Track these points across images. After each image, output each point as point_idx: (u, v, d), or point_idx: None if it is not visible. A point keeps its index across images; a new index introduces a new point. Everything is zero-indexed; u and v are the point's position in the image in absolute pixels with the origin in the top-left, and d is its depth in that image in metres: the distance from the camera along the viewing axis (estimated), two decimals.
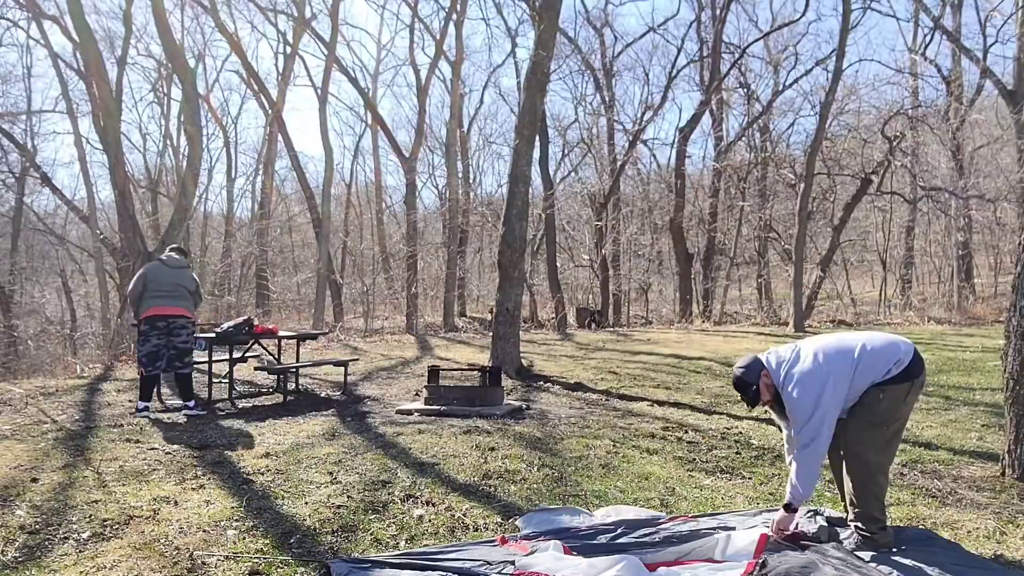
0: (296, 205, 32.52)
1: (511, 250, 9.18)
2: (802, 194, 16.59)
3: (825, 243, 21.14)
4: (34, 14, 16.69)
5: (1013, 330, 4.22)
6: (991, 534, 3.34)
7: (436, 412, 6.37)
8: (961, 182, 19.68)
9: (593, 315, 20.15)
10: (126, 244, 12.56)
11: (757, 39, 23.69)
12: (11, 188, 22.09)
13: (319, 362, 8.78)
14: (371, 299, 23.26)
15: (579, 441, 5.26)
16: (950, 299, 21.74)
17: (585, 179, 27.97)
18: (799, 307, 16.11)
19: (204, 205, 30.74)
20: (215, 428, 5.79)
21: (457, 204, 22.49)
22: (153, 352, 6.33)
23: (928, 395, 7.33)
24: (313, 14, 23.27)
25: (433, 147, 30.93)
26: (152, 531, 3.30)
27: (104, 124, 12.73)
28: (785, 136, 25.38)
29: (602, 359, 10.66)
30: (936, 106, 20.86)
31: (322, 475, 4.28)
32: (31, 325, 20.35)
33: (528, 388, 8.11)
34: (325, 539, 3.24)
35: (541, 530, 3.31)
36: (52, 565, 2.92)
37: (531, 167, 10.09)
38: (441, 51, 22.73)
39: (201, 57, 26.83)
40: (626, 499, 3.89)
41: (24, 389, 7.67)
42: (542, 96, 9.98)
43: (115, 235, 16.84)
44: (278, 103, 23.40)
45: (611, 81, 25.70)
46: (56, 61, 19.18)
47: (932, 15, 21.12)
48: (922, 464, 4.61)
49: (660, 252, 29.05)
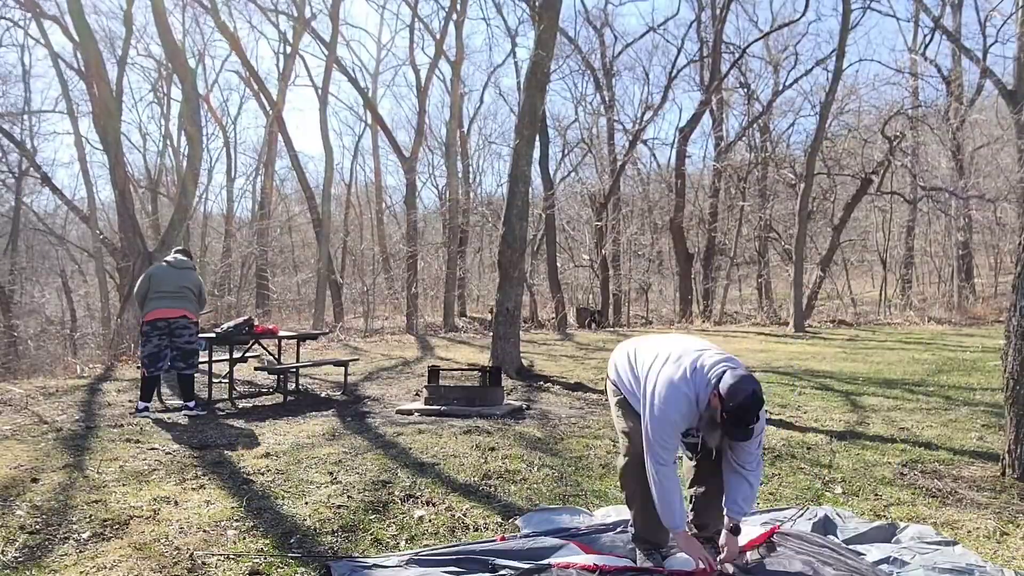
0: (296, 205, 32.52)
1: (511, 250, 9.18)
2: (802, 194, 16.60)
3: (825, 243, 21.15)
4: (34, 14, 16.69)
5: (1013, 330, 4.22)
6: (991, 534, 3.34)
7: (436, 412, 6.37)
8: (961, 182, 19.69)
9: (593, 315, 20.16)
10: (126, 244, 12.56)
11: (757, 39, 23.71)
12: (11, 188, 22.10)
13: (319, 362, 8.78)
14: (371, 299, 23.25)
15: (579, 441, 5.26)
16: (950, 299, 21.75)
17: (585, 179, 28.00)
18: (799, 307, 16.12)
19: (204, 205, 30.77)
20: (215, 428, 5.79)
21: (457, 204, 22.50)
22: (154, 353, 6.33)
23: (928, 395, 7.34)
24: (313, 14, 23.30)
25: (433, 147, 30.97)
26: (152, 531, 3.30)
27: (104, 124, 12.73)
28: (785, 136, 25.42)
29: (602, 359, 10.66)
30: (936, 106, 20.88)
31: (322, 475, 4.28)
32: (31, 325, 20.36)
33: (528, 388, 8.11)
34: (325, 539, 3.24)
35: (541, 530, 3.31)
36: (52, 565, 2.92)
37: (531, 167, 10.09)
38: (441, 51, 22.74)
39: (201, 57, 26.86)
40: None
41: (24, 389, 7.67)
42: (542, 96, 9.98)
43: (115, 235, 16.85)
44: (278, 103, 23.41)
45: (611, 81, 25.74)
46: (56, 61, 19.21)
47: (932, 15, 21.13)
48: (922, 464, 4.61)
49: (660, 252, 29.05)
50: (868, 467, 4.54)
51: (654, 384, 2.75)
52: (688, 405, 2.68)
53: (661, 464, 2.72)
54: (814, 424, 5.94)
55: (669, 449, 2.74)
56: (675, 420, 2.70)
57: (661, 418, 2.70)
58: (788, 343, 12.94)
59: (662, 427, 2.70)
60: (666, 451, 2.72)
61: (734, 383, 2.57)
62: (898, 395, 7.33)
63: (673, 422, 2.70)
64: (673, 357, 2.79)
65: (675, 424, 2.71)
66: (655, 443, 2.71)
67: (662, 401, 2.69)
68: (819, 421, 6.08)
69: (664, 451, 2.72)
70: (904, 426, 5.81)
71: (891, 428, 5.75)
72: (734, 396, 2.55)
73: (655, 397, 2.72)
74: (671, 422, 2.70)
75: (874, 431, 5.66)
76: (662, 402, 2.69)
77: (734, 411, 2.55)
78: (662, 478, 2.72)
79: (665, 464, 2.72)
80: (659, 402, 2.70)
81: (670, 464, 2.75)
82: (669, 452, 2.74)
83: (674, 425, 2.71)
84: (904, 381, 8.27)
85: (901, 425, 5.85)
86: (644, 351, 2.98)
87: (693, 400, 2.67)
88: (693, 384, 2.68)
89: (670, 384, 2.70)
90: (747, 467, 2.81)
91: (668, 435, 2.72)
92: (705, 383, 2.65)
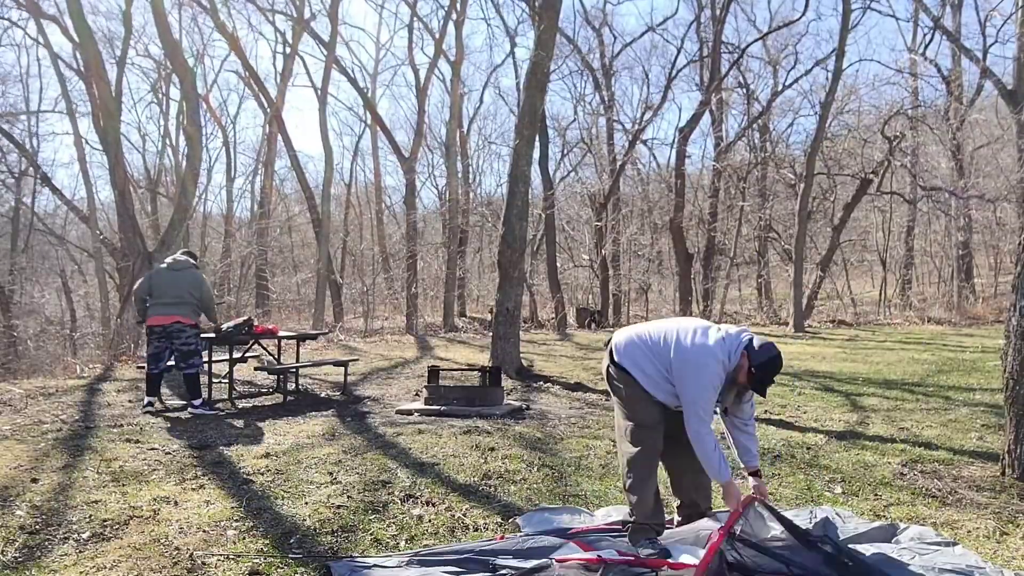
0: (296, 205, 32.49)
1: (511, 250, 9.18)
2: (802, 194, 16.60)
3: (825, 243, 21.14)
4: (34, 14, 16.67)
5: (1013, 330, 4.22)
6: (991, 534, 3.34)
7: (436, 412, 6.37)
8: (961, 182, 19.69)
9: (593, 315, 20.15)
10: (126, 244, 12.56)
11: (757, 39, 23.68)
12: (11, 188, 22.09)
13: (319, 362, 8.78)
14: (371, 299, 23.24)
15: (579, 441, 5.26)
16: (950, 299, 21.73)
17: (585, 179, 27.97)
18: (799, 307, 16.12)
19: (204, 205, 30.71)
20: (215, 428, 5.79)
21: (457, 204, 22.49)
22: (155, 354, 6.55)
23: (928, 395, 7.34)
24: (312, 14, 23.27)
25: (433, 147, 30.95)
26: (152, 531, 3.30)
27: (104, 124, 12.73)
28: (785, 136, 25.39)
29: (602, 359, 10.65)
30: (936, 106, 20.87)
31: (322, 475, 4.28)
32: (31, 325, 20.33)
33: (528, 388, 8.11)
34: (325, 539, 3.24)
35: (541, 530, 3.31)
36: (52, 565, 2.92)
37: (531, 167, 10.09)
38: (440, 51, 22.73)
39: (200, 57, 26.82)
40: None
41: (24, 389, 7.67)
42: (542, 96, 9.98)
43: (115, 235, 16.85)
44: (277, 103, 23.40)
45: (610, 81, 25.72)
46: (56, 61, 19.18)
47: (932, 15, 21.13)
48: (922, 464, 4.61)
49: (660, 252, 29.04)
50: (868, 467, 4.55)
51: (689, 353, 3.03)
52: (722, 369, 3.00)
53: (704, 424, 2.99)
54: (814, 424, 5.95)
55: (710, 411, 3.04)
56: (715, 384, 3.00)
57: (705, 383, 2.99)
58: (788, 343, 12.94)
59: (704, 392, 2.99)
60: (707, 413, 3.02)
61: (763, 343, 3.01)
62: (898, 395, 7.33)
63: (714, 386, 3.00)
64: (695, 330, 3.12)
65: (715, 387, 3.01)
66: (699, 406, 3.00)
67: (702, 368, 2.99)
68: (819, 421, 6.08)
69: (707, 413, 3.01)
70: (904, 426, 5.81)
71: (891, 428, 5.75)
72: (766, 353, 2.98)
73: (694, 366, 3.01)
74: (713, 387, 3.00)
75: (874, 431, 5.66)
76: (702, 369, 2.99)
77: (764, 365, 2.97)
78: (707, 437, 2.99)
79: (706, 424, 3.00)
80: (699, 369, 3.00)
81: (709, 424, 3.02)
82: (710, 413, 3.04)
83: (715, 388, 3.01)
84: (904, 381, 8.27)
85: (901, 425, 5.85)
86: (655, 331, 3.22)
87: (726, 362, 3.00)
88: (725, 348, 3.01)
89: (707, 352, 3.00)
90: (748, 423, 3.22)
91: (710, 398, 3.01)
92: (736, 344, 3.01)
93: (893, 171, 20.19)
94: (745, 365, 2.98)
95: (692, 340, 3.06)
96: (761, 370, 2.97)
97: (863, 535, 3.23)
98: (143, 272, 10.98)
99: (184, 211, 13.20)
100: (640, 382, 3.14)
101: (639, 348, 3.18)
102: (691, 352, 3.02)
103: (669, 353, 3.08)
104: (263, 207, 26.76)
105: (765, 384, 3.02)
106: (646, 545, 3.03)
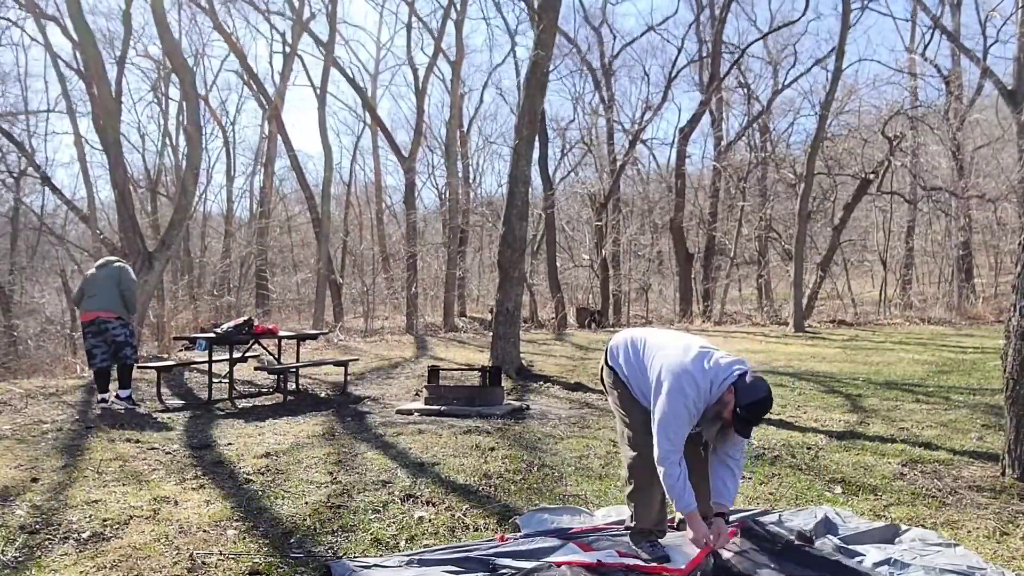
0: (295, 205, 32.49)
1: (511, 250, 9.18)
2: (802, 194, 16.59)
3: (825, 243, 21.14)
4: (34, 14, 16.67)
5: (1013, 330, 4.22)
6: (991, 534, 3.34)
7: (436, 412, 6.37)
8: (961, 182, 19.68)
9: (593, 315, 20.14)
10: (126, 244, 12.54)
11: (757, 39, 23.70)
12: (11, 188, 22.08)
13: (319, 362, 8.78)
14: (371, 299, 23.24)
15: (579, 441, 5.25)
16: (950, 299, 21.72)
17: (585, 179, 27.96)
18: (799, 307, 16.11)
19: (204, 205, 30.72)
20: (215, 428, 5.79)
21: (457, 204, 22.49)
22: (89, 350, 6.67)
23: (928, 395, 7.33)
24: (312, 14, 23.26)
25: (433, 147, 30.95)
26: (152, 531, 3.29)
27: (104, 124, 12.70)
28: (785, 136, 25.42)
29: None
30: (936, 106, 20.86)
31: (322, 475, 4.28)
32: (31, 325, 20.31)
33: (528, 388, 8.11)
34: (325, 539, 3.24)
35: (541, 530, 3.31)
36: (52, 565, 2.92)
37: (531, 167, 10.09)
38: (440, 50, 22.72)
39: (200, 57, 26.83)
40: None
41: (24, 389, 7.67)
42: (542, 96, 9.98)
43: (115, 235, 16.85)
44: (277, 103, 23.39)
45: (610, 81, 25.72)
46: (56, 61, 19.21)
47: (931, 15, 21.12)
48: (922, 464, 4.61)
49: (660, 252, 29.05)
50: (868, 467, 4.54)
51: (667, 370, 2.83)
52: (698, 394, 2.77)
53: (673, 448, 2.78)
54: (814, 424, 5.94)
55: (681, 436, 2.81)
56: (690, 411, 2.78)
57: (678, 410, 2.77)
58: (788, 343, 12.93)
59: (676, 418, 2.78)
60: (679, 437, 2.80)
61: (753, 382, 2.75)
62: (898, 395, 7.33)
63: (689, 413, 2.79)
64: (685, 348, 2.91)
65: (690, 414, 2.79)
66: (670, 429, 2.79)
67: (674, 393, 2.78)
68: (819, 421, 6.07)
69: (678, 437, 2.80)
70: (904, 426, 5.81)
71: (891, 428, 5.75)
72: (753, 394, 2.72)
73: (667, 389, 2.80)
74: (687, 413, 2.78)
75: (874, 431, 5.66)
76: (674, 393, 2.78)
77: (750, 408, 2.72)
78: (672, 463, 2.78)
79: (676, 448, 2.79)
80: (670, 393, 2.78)
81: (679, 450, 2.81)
82: (681, 438, 2.82)
83: (688, 414, 2.79)
84: (904, 381, 8.26)
85: (901, 425, 5.85)
86: (651, 339, 3.08)
87: (705, 390, 2.77)
88: (707, 376, 2.78)
89: (684, 372, 2.79)
90: (734, 457, 2.95)
91: (682, 424, 2.79)
92: (723, 377, 2.77)
93: (893, 171, 20.19)
94: (730, 402, 2.75)
95: (675, 361, 2.85)
96: (746, 410, 2.73)
97: (864, 534, 3.23)
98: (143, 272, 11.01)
99: (184, 211, 13.19)
100: (628, 386, 3.09)
101: (630, 354, 3.11)
102: (669, 373, 2.82)
103: (651, 367, 2.96)
104: (263, 207, 26.75)
105: (750, 425, 2.80)
106: (647, 547, 3.00)
